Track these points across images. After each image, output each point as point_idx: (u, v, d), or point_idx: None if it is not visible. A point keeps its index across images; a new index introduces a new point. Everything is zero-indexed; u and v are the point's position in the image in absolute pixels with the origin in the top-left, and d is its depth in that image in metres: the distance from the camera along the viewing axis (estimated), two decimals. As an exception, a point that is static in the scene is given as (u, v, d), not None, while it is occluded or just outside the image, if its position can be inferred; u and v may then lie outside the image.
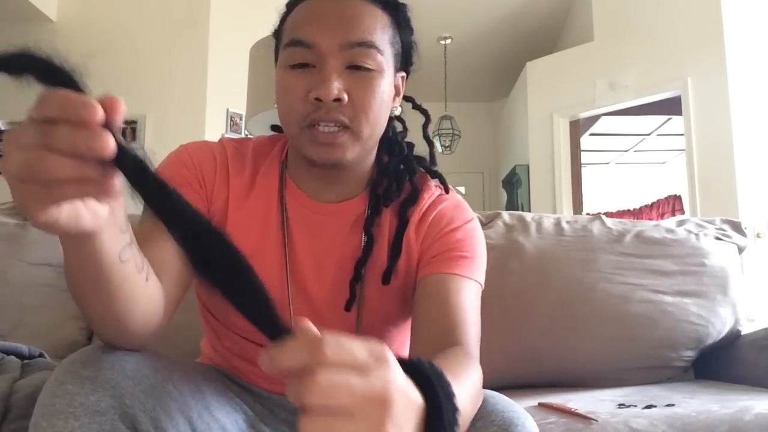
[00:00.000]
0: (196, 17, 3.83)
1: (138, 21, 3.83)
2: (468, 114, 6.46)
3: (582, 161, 5.04)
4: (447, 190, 0.89)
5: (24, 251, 1.40)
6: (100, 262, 0.50)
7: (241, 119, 3.85)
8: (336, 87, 0.73)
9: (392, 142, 0.88)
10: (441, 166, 0.92)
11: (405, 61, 0.84)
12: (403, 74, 0.86)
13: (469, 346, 0.72)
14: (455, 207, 0.86)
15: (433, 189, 0.88)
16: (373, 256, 0.82)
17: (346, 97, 0.74)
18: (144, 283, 0.59)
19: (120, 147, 0.38)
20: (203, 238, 0.40)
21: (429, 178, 0.89)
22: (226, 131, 3.82)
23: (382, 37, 0.77)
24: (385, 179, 0.85)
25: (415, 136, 0.92)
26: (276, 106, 0.79)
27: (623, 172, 7.25)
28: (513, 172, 5.44)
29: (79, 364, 0.61)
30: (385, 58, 0.77)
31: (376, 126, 0.78)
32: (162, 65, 3.77)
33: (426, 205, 0.85)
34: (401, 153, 0.88)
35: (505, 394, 0.67)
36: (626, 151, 6.73)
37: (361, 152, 0.79)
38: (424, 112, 0.92)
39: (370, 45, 0.75)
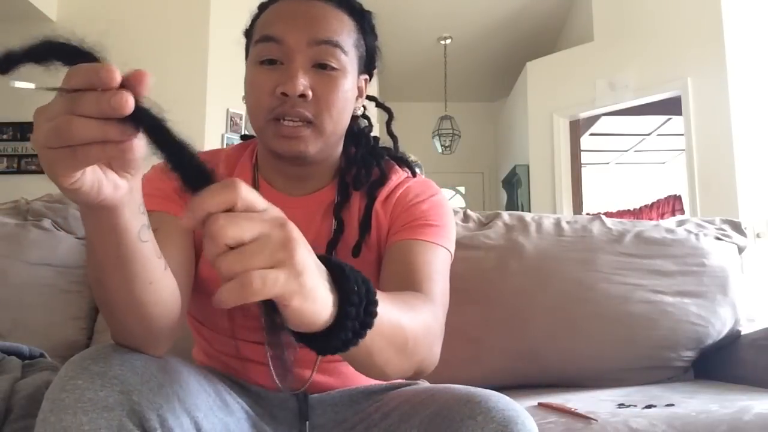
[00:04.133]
0: (196, 17, 3.82)
1: (138, 21, 3.83)
2: (468, 114, 6.46)
3: (582, 161, 5.05)
4: (414, 174, 0.94)
5: (24, 251, 1.39)
6: (121, 238, 0.53)
7: (241, 119, 3.85)
8: (302, 83, 0.78)
9: (358, 135, 0.94)
10: (441, 166, 0.95)
11: (369, 64, 0.91)
12: (366, 77, 0.91)
13: (431, 296, 0.75)
14: (421, 183, 0.92)
15: (401, 172, 0.93)
16: (344, 238, 0.86)
17: (310, 93, 0.79)
18: (163, 270, 0.61)
19: (138, 107, 0.42)
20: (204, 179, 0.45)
21: (396, 165, 0.94)
22: (226, 131, 3.82)
23: (347, 39, 0.83)
24: (353, 168, 0.90)
25: (414, 135, 0.96)
26: (244, 101, 0.84)
27: (623, 172, 7.26)
28: (513, 172, 5.44)
29: (89, 360, 0.61)
30: (349, 59, 0.83)
31: (338, 122, 0.83)
32: (162, 65, 3.76)
33: (394, 185, 0.90)
34: (368, 144, 0.94)
35: (505, 394, 0.68)
36: (626, 151, 6.74)
37: (324, 147, 0.84)
38: (387, 110, 0.98)
39: (335, 44, 0.81)
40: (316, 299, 0.47)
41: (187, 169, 0.44)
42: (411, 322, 0.64)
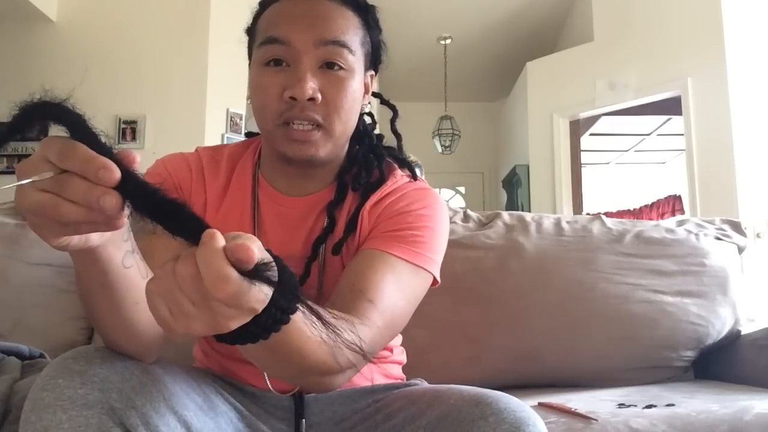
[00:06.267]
0: (197, 17, 3.82)
1: (138, 21, 3.83)
2: (468, 114, 6.45)
3: (582, 161, 5.04)
4: (415, 178, 0.91)
5: (24, 251, 1.39)
6: (105, 268, 0.55)
7: (241, 119, 3.85)
8: (310, 87, 0.76)
9: (362, 133, 0.92)
10: (441, 166, 0.93)
11: (374, 60, 0.88)
12: (372, 72, 0.89)
13: (369, 321, 0.70)
14: (418, 191, 0.87)
15: (399, 177, 0.90)
16: (333, 236, 0.85)
17: (319, 96, 0.77)
18: None
19: (125, 185, 0.41)
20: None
21: (397, 167, 0.91)
22: (226, 131, 3.82)
23: (354, 38, 0.81)
24: (354, 167, 0.89)
25: (414, 135, 0.95)
26: (250, 102, 0.82)
27: (623, 172, 7.25)
28: (513, 172, 5.44)
29: (70, 360, 0.62)
30: (356, 57, 0.81)
31: (347, 123, 0.82)
32: (162, 65, 3.76)
33: (388, 190, 0.87)
34: (371, 142, 0.92)
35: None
36: (626, 151, 6.73)
37: (333, 149, 0.83)
38: (392, 108, 0.96)
39: (342, 44, 0.78)
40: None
41: (180, 228, 0.43)
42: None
